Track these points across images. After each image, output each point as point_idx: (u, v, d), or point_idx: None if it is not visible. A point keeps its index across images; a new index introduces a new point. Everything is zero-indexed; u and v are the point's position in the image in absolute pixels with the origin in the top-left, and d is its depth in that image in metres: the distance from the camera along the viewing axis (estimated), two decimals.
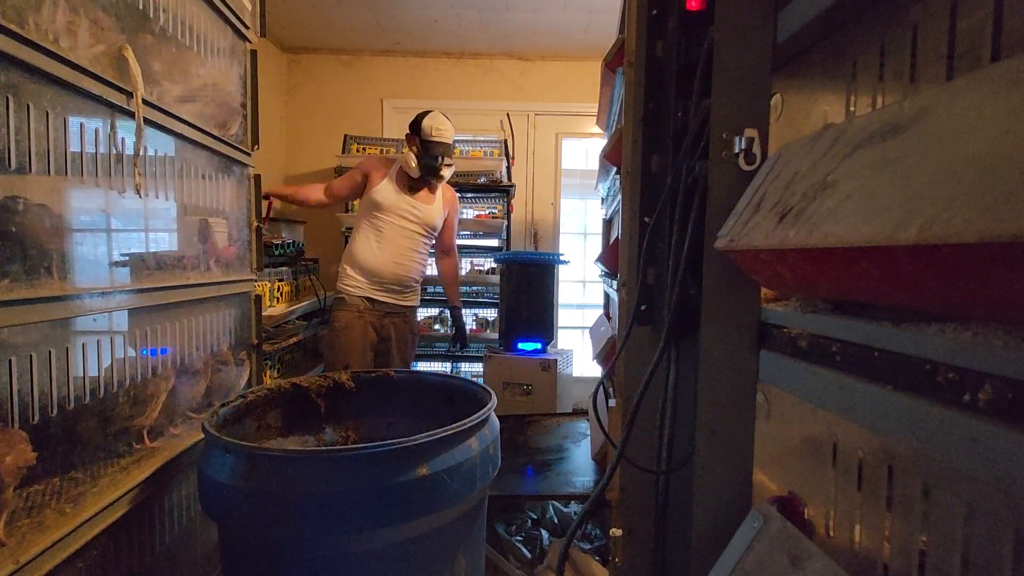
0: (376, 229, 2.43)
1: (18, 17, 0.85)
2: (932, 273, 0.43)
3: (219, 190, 1.55)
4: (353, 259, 2.43)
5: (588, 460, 2.26)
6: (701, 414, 0.83)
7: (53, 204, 0.97)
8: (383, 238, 2.43)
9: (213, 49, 1.50)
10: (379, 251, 2.41)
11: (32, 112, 0.88)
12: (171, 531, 1.31)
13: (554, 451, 2.38)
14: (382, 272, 2.41)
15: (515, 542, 2.10)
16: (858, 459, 0.65)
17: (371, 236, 2.43)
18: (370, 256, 2.41)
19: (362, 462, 1.05)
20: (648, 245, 0.96)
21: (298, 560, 1.07)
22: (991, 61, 0.52)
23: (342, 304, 2.39)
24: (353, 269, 2.42)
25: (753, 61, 0.81)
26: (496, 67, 3.90)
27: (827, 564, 0.60)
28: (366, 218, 2.46)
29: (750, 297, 0.81)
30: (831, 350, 0.62)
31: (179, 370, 1.35)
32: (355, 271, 2.42)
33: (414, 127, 2.46)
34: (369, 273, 2.40)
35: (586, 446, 2.40)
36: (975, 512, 0.48)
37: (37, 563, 0.86)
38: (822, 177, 0.59)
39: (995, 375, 0.42)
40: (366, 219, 2.46)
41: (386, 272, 2.41)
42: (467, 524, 1.26)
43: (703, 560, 0.82)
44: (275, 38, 3.67)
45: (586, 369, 3.79)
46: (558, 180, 4.00)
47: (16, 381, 0.87)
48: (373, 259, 2.41)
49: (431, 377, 1.71)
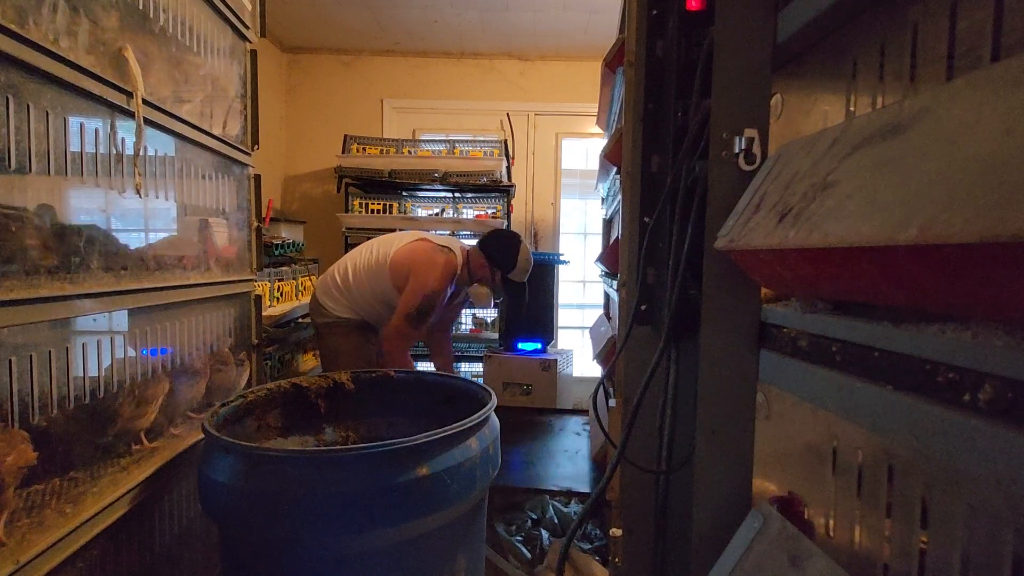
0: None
1: (18, 17, 0.85)
2: (932, 273, 0.43)
3: (219, 190, 1.55)
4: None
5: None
6: (701, 414, 0.83)
7: (53, 204, 0.97)
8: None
9: (213, 49, 1.50)
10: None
11: (32, 112, 0.88)
12: (171, 531, 1.31)
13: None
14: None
15: (515, 542, 2.10)
16: (858, 459, 0.65)
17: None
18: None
19: (362, 462, 1.05)
20: (648, 245, 0.96)
21: (298, 560, 1.07)
22: (991, 61, 0.52)
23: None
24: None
25: (753, 61, 0.80)
26: (496, 67, 3.90)
27: (827, 564, 0.60)
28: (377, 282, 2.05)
29: (750, 297, 0.81)
30: (831, 350, 0.62)
31: (179, 370, 1.35)
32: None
33: (501, 261, 2.00)
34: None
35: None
36: (975, 512, 0.48)
37: (37, 563, 0.86)
38: (822, 177, 0.59)
39: (995, 375, 0.42)
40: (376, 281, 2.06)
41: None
42: (467, 524, 1.26)
43: (703, 560, 0.82)
44: (275, 38, 3.67)
45: (586, 369, 3.79)
46: (558, 180, 4.00)
47: (16, 381, 0.87)
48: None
49: (431, 377, 1.71)
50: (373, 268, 2.05)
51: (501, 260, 2.00)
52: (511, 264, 1.99)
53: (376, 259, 2.07)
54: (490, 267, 2.01)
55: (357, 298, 2.07)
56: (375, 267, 2.05)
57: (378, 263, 2.05)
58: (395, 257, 2.03)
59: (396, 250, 2.05)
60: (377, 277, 2.04)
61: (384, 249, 2.08)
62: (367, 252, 2.12)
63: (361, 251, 2.16)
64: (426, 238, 2.08)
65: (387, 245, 2.09)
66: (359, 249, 2.18)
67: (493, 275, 2.01)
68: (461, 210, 3.46)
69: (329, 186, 3.76)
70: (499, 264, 2.00)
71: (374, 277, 2.04)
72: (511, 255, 1.99)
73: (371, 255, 2.09)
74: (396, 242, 2.09)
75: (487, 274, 2.02)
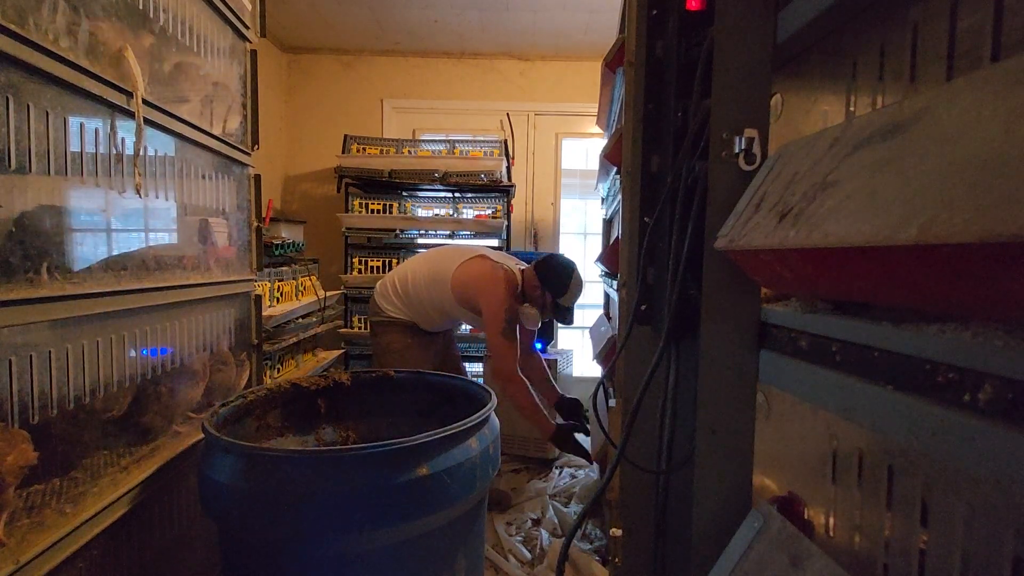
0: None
1: (18, 17, 0.85)
2: (932, 273, 0.43)
3: (219, 190, 1.55)
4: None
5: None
6: (701, 414, 0.83)
7: (53, 204, 0.97)
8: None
9: (213, 49, 1.50)
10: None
11: (32, 112, 0.88)
12: (171, 531, 1.31)
13: None
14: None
15: (515, 542, 2.10)
16: (858, 459, 0.65)
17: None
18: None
19: (362, 462, 1.05)
20: (648, 245, 0.96)
21: (298, 560, 1.07)
22: (991, 61, 0.52)
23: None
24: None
25: (753, 61, 0.81)
26: (496, 67, 3.90)
27: (827, 564, 0.60)
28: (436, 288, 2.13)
29: (750, 297, 0.81)
30: (831, 350, 0.62)
31: (179, 370, 1.35)
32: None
33: (554, 285, 2.03)
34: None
35: None
36: (975, 512, 0.48)
37: (37, 563, 0.86)
38: (822, 177, 0.59)
39: (995, 375, 0.42)
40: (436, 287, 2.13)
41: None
42: (467, 524, 1.26)
43: (703, 560, 0.82)
44: (275, 38, 3.67)
45: (586, 369, 3.79)
46: (558, 180, 4.00)
47: (16, 381, 0.87)
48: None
49: (431, 377, 1.71)
50: (433, 282, 2.14)
51: (554, 285, 2.04)
52: (563, 290, 2.03)
53: (437, 272, 2.15)
54: (542, 289, 2.05)
55: (415, 304, 2.17)
56: (435, 281, 2.14)
57: (440, 277, 2.13)
58: (456, 274, 2.10)
59: (458, 267, 2.12)
60: (438, 290, 2.13)
61: (445, 264, 2.15)
62: (426, 264, 2.22)
63: (419, 262, 2.25)
64: (485, 255, 2.16)
65: (448, 260, 2.16)
66: (416, 259, 2.29)
67: (544, 297, 2.05)
68: (461, 210, 3.46)
69: (329, 186, 3.76)
70: (552, 288, 2.04)
71: (434, 289, 2.13)
72: (564, 281, 2.03)
73: (430, 268, 2.18)
74: (457, 258, 2.16)
75: (538, 295, 2.06)
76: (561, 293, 2.03)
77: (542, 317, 2.10)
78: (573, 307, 2.11)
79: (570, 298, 2.05)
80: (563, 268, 2.06)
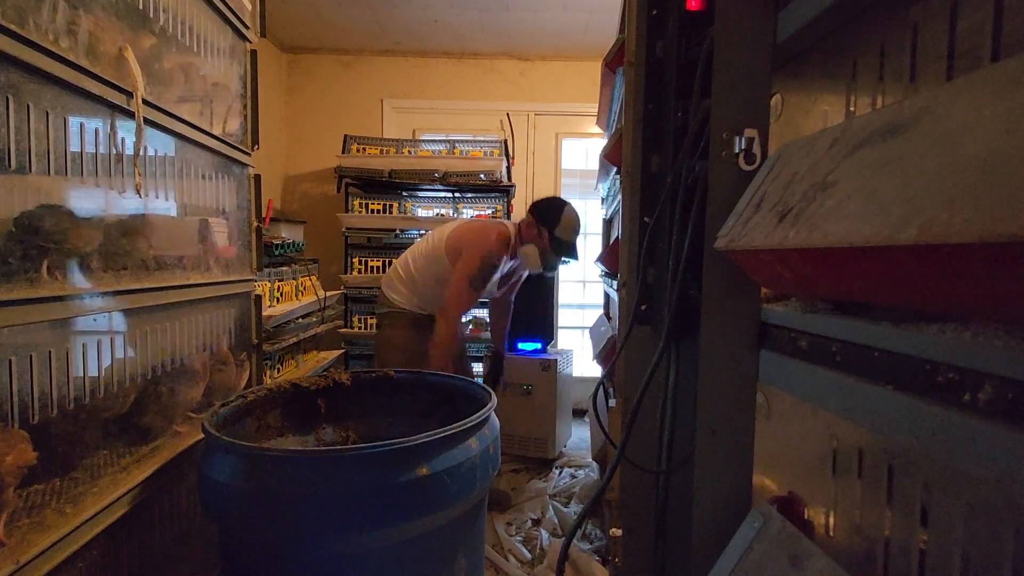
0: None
1: (18, 17, 0.85)
2: (932, 273, 0.43)
3: (219, 190, 1.55)
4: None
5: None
6: (701, 414, 0.83)
7: (53, 204, 0.97)
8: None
9: (213, 49, 1.50)
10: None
11: (32, 112, 0.88)
12: (171, 531, 1.31)
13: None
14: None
15: (515, 542, 2.10)
16: (858, 459, 0.65)
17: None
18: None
19: (362, 462, 1.05)
20: (648, 245, 0.96)
21: (298, 560, 1.07)
22: (991, 61, 0.52)
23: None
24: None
25: (753, 61, 0.81)
26: (496, 67, 3.90)
27: (827, 564, 0.60)
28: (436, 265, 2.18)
29: (750, 297, 0.81)
30: (831, 350, 0.62)
31: (179, 370, 1.35)
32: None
33: (547, 217, 2.10)
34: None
35: None
36: (975, 512, 0.48)
37: (37, 563, 0.86)
38: (822, 177, 0.59)
39: (995, 375, 0.42)
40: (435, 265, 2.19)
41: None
42: (467, 524, 1.26)
43: (703, 560, 0.82)
44: (275, 38, 3.67)
45: (586, 369, 3.79)
46: (558, 180, 4.00)
47: (16, 381, 0.87)
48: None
49: (431, 377, 1.71)
50: (430, 254, 2.21)
51: (546, 218, 2.11)
52: (556, 220, 2.09)
53: (432, 245, 2.22)
54: (537, 226, 2.13)
55: (420, 286, 2.21)
56: (432, 252, 2.20)
57: (435, 248, 2.20)
58: (449, 237, 2.18)
59: (449, 232, 2.21)
60: (435, 261, 2.18)
61: (438, 235, 2.24)
62: (423, 242, 2.29)
63: (418, 244, 2.33)
64: (478, 217, 2.31)
65: (441, 231, 2.26)
66: (416, 243, 2.36)
67: (540, 233, 2.12)
68: (461, 210, 3.46)
69: (329, 186, 3.76)
70: (545, 221, 2.11)
71: (432, 261, 2.19)
72: (556, 213, 2.10)
73: (427, 244, 2.26)
74: (449, 227, 2.25)
75: (534, 233, 2.13)
76: (555, 223, 2.09)
77: (544, 256, 2.15)
78: (574, 242, 2.17)
79: (566, 230, 2.10)
80: (555, 200, 2.17)
